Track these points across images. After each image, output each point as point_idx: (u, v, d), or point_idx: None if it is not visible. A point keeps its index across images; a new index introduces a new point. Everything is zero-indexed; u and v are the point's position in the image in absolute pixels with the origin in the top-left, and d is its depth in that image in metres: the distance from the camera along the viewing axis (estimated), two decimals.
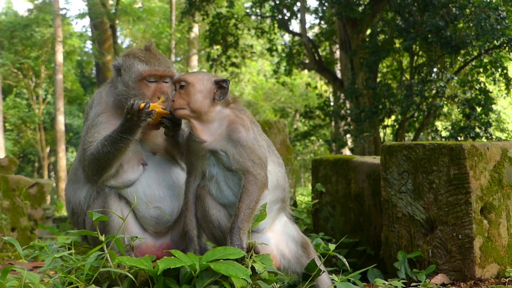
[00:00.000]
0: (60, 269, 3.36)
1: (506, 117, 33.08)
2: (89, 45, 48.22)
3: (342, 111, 23.06)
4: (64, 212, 30.76)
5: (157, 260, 3.52)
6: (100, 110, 4.60)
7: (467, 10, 19.21)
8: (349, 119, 22.49)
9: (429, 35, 18.98)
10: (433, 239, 5.60)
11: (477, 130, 20.04)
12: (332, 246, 3.85)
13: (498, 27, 18.27)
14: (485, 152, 5.48)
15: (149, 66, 4.50)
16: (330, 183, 6.99)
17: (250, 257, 3.87)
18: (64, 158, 39.22)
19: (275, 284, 3.97)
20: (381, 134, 23.10)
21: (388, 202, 5.93)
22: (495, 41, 19.32)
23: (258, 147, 4.37)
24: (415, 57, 21.19)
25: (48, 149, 45.63)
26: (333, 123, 30.82)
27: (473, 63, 21.50)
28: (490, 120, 20.86)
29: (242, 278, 3.37)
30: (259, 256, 3.86)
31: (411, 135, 23.36)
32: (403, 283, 5.22)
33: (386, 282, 5.17)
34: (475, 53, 20.54)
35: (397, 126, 22.31)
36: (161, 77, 4.54)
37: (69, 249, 4.55)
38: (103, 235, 3.54)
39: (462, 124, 20.66)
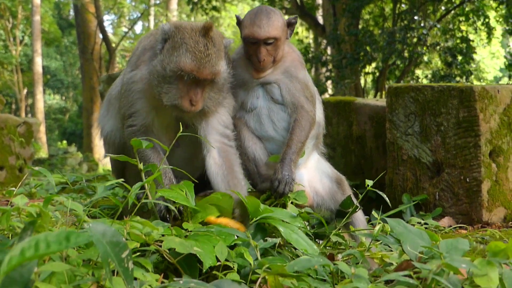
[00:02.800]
0: (112, 197, 3.23)
1: (485, 67, 33.29)
2: None
3: (324, 57, 22.89)
4: (42, 154, 30.55)
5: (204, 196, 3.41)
6: (139, 77, 4.21)
7: None
8: (330, 65, 22.35)
9: None
10: (439, 182, 5.57)
11: (458, 78, 20.05)
12: (370, 182, 3.74)
13: None
14: (495, 95, 5.43)
15: (194, 63, 3.86)
16: (331, 125, 6.90)
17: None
18: (42, 100, 38.87)
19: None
20: (362, 81, 23.04)
21: (393, 144, 5.87)
22: None
23: (311, 85, 4.38)
24: (398, 4, 21.03)
25: (25, 91, 45.08)
26: (313, 69, 30.65)
27: (456, 11, 21.42)
28: (471, 69, 20.89)
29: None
30: (294, 193, 3.78)
31: (391, 82, 23.35)
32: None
33: (422, 221, 5.11)
34: (457, 1, 20.45)
35: (378, 73, 22.26)
36: (204, 79, 3.93)
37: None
38: (141, 164, 3.35)
39: (442, 72, 20.66)
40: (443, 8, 21.50)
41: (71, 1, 40.27)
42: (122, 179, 3.32)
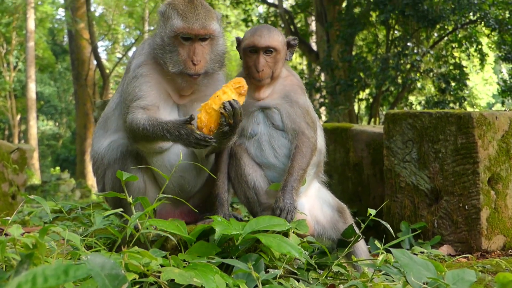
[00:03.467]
0: (111, 228, 3.17)
1: (478, 93, 33.42)
2: (61, 12, 47.43)
3: (317, 84, 22.95)
4: (35, 180, 30.38)
5: (198, 224, 3.36)
6: (141, 61, 4.35)
7: None
8: (324, 91, 22.39)
9: (405, 8, 18.90)
10: (438, 209, 5.52)
11: (452, 105, 20.11)
12: (372, 211, 3.69)
13: (475, 1, 18.31)
14: (493, 121, 5.40)
15: (184, 22, 4.14)
16: (328, 152, 6.81)
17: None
18: (35, 126, 38.77)
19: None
20: (356, 107, 23.09)
21: (391, 172, 5.83)
22: (471, 16, 19.36)
23: (311, 110, 4.34)
24: (391, 31, 21.15)
25: (18, 117, 44.93)
26: (307, 96, 30.74)
27: (449, 37, 21.55)
28: (465, 95, 20.95)
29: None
30: (295, 222, 3.72)
31: (385, 109, 23.40)
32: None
33: (425, 251, 5.05)
34: (450, 28, 20.58)
35: (371, 100, 22.32)
36: (195, 36, 4.17)
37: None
38: (131, 197, 3.32)
39: (436, 99, 20.72)
40: (436, 34, 21.64)
41: (65, 27, 40.36)
42: (121, 209, 3.27)
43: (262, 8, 35.05)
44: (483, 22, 19.36)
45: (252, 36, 4.31)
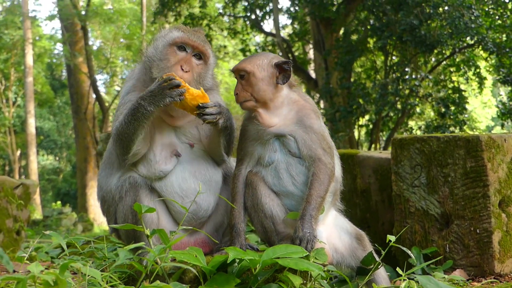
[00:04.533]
0: (135, 263, 3.14)
1: (477, 116, 33.50)
2: (59, 47, 47.59)
3: None
4: (37, 216, 30.28)
5: (214, 255, 3.33)
6: (130, 87, 4.42)
7: (441, 9, 19.32)
8: (324, 118, 22.33)
9: (403, 34, 19.00)
10: (449, 234, 5.48)
11: (452, 129, 20.12)
12: (392, 238, 3.66)
13: (472, 25, 18.39)
14: (502, 144, 5.39)
15: (184, 33, 4.32)
16: None
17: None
18: (35, 161, 38.74)
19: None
20: (356, 134, 23.10)
21: (399, 197, 5.80)
22: (469, 40, 19.46)
23: (327, 135, 4.29)
24: (389, 56, 21.24)
25: (18, 152, 44.93)
26: (322, 120, 30.77)
27: (447, 62, 21.64)
28: (464, 119, 20.97)
29: (300, 277, 3.18)
30: (313, 251, 3.68)
31: (385, 134, 23.43)
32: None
33: (446, 276, 4.99)
34: (448, 52, 20.68)
35: (371, 126, 22.34)
36: (192, 48, 4.31)
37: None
38: (148, 230, 3.31)
39: (436, 123, 20.75)
40: (434, 59, 21.72)
41: (64, 61, 40.57)
42: (143, 243, 3.25)
43: (259, 38, 35.31)
44: (480, 46, 19.42)
45: None
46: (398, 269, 3.78)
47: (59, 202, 39.74)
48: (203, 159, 4.44)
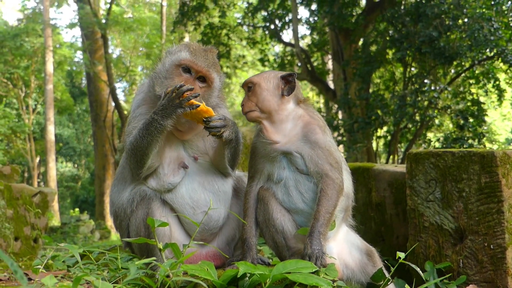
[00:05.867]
0: (146, 278, 3.18)
1: (496, 129, 33.31)
2: (79, 55, 47.98)
3: (335, 122, 22.94)
4: (54, 223, 30.46)
5: (226, 269, 3.37)
6: (140, 101, 4.48)
7: (460, 21, 19.26)
8: (342, 129, 22.37)
9: (422, 46, 18.95)
10: (463, 249, 5.47)
11: (470, 141, 20.02)
12: (402, 254, 3.67)
13: (492, 38, 18.30)
14: None
15: (191, 55, 4.35)
16: None
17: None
18: (54, 168, 39.01)
19: None
20: (374, 145, 23.04)
21: (414, 211, 5.79)
22: (488, 52, 19.37)
23: (335, 150, 4.26)
24: (408, 68, 21.20)
25: (38, 159, 45.29)
26: (330, 134, 30.74)
27: (466, 74, 21.56)
28: (483, 131, 20.86)
29: None
30: (323, 267, 3.69)
31: (403, 146, 23.35)
32: None
33: None
34: (467, 64, 20.60)
35: (389, 137, 22.28)
36: (197, 72, 4.36)
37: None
38: (160, 243, 3.36)
39: (454, 135, 20.64)
40: (453, 71, 21.64)
41: (84, 69, 40.87)
42: (154, 258, 3.29)
43: (278, 48, 35.39)
44: (500, 58, 19.31)
45: None
46: (406, 286, 3.79)
47: (77, 209, 39.91)
48: (210, 171, 4.50)
